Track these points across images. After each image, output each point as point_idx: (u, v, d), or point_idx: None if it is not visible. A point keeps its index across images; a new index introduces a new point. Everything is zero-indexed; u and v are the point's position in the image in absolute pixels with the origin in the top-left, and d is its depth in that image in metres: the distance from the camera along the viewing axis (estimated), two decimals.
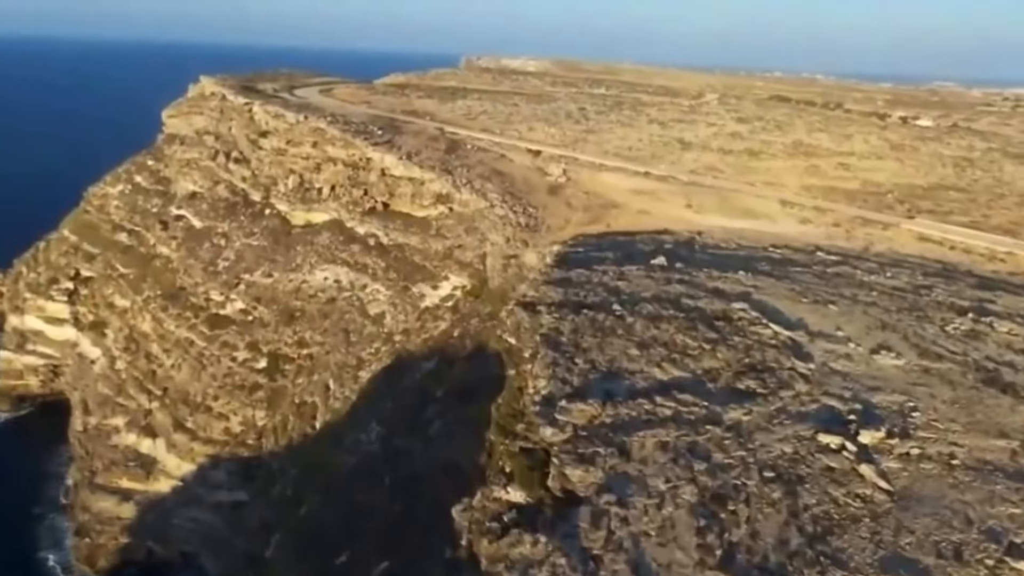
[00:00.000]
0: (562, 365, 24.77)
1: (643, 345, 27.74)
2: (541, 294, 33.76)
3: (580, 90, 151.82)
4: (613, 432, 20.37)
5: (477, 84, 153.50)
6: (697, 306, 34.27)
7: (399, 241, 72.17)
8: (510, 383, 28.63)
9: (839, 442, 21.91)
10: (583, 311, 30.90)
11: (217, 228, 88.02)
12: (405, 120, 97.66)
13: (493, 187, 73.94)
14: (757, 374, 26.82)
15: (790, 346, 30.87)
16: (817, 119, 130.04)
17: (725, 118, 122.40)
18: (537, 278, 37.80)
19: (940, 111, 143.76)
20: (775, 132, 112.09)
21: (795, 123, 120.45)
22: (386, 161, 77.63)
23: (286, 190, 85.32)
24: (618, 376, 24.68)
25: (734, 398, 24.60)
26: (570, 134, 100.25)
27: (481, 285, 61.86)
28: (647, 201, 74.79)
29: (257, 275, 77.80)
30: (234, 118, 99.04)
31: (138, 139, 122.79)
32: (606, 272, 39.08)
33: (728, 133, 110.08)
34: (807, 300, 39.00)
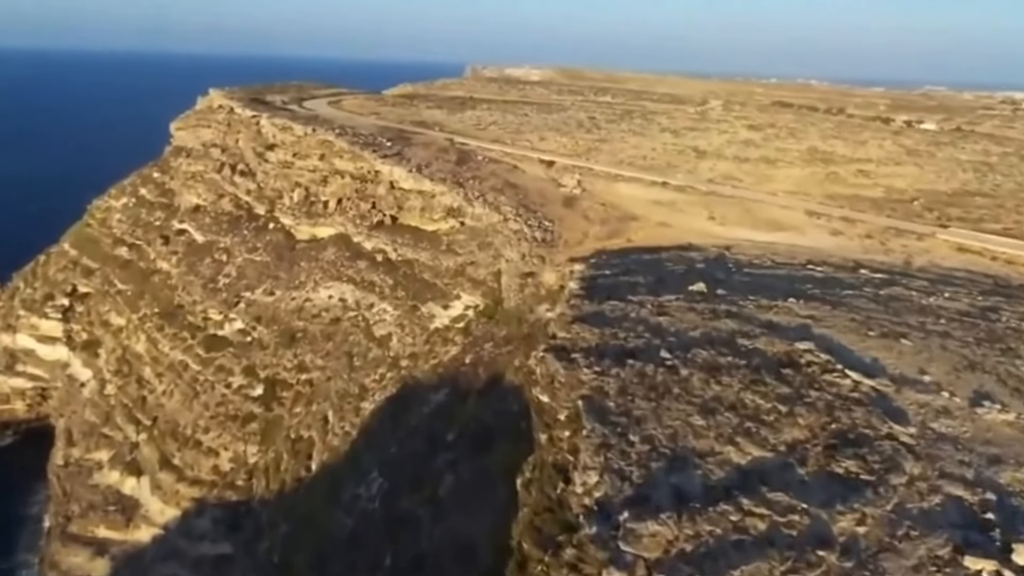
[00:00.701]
0: (615, 447, 18.48)
1: (707, 410, 21.43)
2: (575, 336, 27.46)
3: (586, 98, 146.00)
4: (698, 569, 14.08)
5: (484, 94, 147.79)
6: (756, 348, 27.91)
7: (408, 257, 65.98)
8: (541, 453, 22.33)
9: (993, 568, 15.55)
10: (628, 361, 24.58)
11: (219, 243, 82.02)
12: (414, 131, 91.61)
13: (506, 200, 67.73)
14: (853, 448, 20.50)
15: (877, 400, 24.54)
16: (829, 125, 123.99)
17: (736, 125, 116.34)
18: (566, 312, 31.47)
19: (942, 115, 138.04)
20: (789, 139, 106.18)
21: (808, 130, 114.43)
22: (395, 174, 71.48)
23: (291, 204, 79.30)
24: (686, 462, 18.38)
25: (836, 491, 18.31)
26: (582, 144, 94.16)
27: (495, 305, 55.64)
28: (667, 213, 68.60)
29: (258, 293, 71.71)
30: (241, 131, 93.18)
31: (152, 151, 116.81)
32: (643, 304, 32.77)
33: (741, 140, 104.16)
34: (874, 333, 32.58)
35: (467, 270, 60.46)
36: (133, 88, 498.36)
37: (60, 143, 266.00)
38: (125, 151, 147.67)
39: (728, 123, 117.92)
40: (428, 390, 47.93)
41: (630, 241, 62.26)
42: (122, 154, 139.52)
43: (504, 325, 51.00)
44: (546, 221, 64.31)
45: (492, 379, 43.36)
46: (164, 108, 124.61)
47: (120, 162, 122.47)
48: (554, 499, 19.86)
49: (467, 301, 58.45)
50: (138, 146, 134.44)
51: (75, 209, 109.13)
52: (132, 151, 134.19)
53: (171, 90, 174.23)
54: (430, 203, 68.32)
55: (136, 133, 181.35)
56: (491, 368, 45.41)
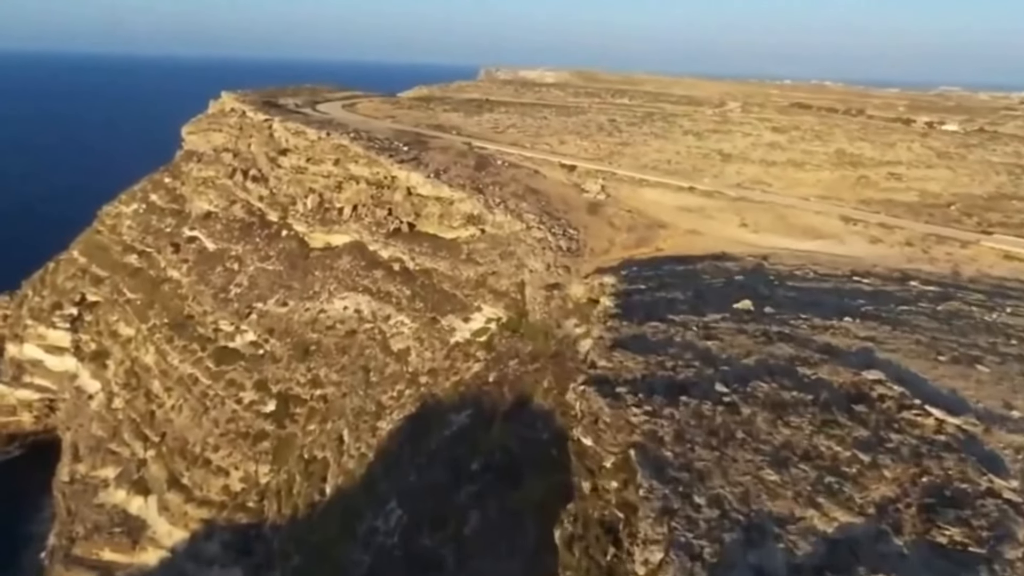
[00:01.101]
0: (679, 512, 15.58)
1: (779, 461, 18.50)
2: (617, 365, 24.53)
3: (603, 100, 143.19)
4: None
5: (500, 96, 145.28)
6: (819, 378, 24.90)
7: (426, 266, 63.31)
8: (585, 505, 19.51)
9: None
10: (681, 398, 21.64)
11: (231, 251, 79.74)
12: (431, 135, 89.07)
13: (528, 206, 64.99)
14: (953, 510, 17.48)
15: (967, 444, 21.47)
16: (854, 127, 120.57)
17: (759, 127, 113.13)
18: (604, 336, 28.56)
19: (963, 116, 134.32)
20: (815, 141, 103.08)
21: (833, 132, 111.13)
22: (412, 179, 68.88)
23: (305, 210, 76.89)
24: (764, 532, 15.46)
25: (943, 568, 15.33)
26: (604, 147, 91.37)
27: (519, 318, 52.82)
28: (696, 219, 65.68)
29: (271, 303, 69.27)
30: (253, 135, 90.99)
31: (165, 155, 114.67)
32: (687, 325, 29.83)
33: (766, 143, 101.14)
34: (945, 358, 29.42)
35: (488, 281, 57.71)
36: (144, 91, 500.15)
37: (74, 147, 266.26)
38: (138, 155, 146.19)
39: (751, 125, 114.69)
40: (449, 410, 45.18)
41: (659, 250, 59.37)
42: (136, 158, 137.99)
43: (530, 340, 48.17)
44: (570, 229, 61.50)
45: (518, 400, 40.58)
46: (179, 111, 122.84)
47: (135, 166, 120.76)
48: (604, 567, 17.05)
49: (489, 314, 55.68)
50: (150, 150, 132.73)
51: (88, 215, 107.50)
52: (145, 155, 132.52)
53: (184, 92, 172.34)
54: (449, 210, 65.66)
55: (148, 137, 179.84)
56: (517, 388, 42.61)
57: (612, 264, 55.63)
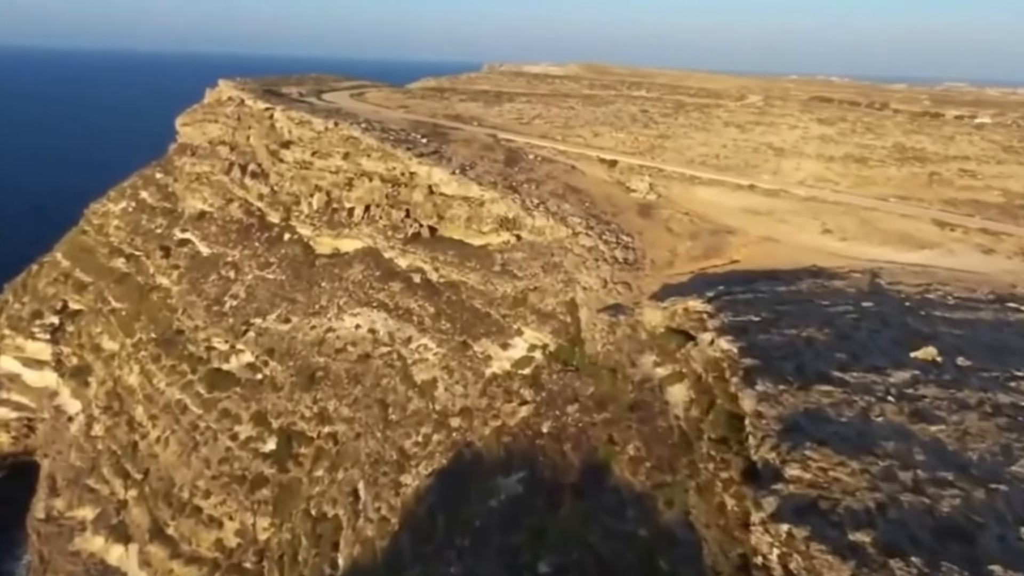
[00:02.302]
0: None
1: None
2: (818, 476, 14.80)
3: (620, 92, 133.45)
4: None
5: (512, 88, 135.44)
6: None
7: (452, 278, 53.53)
8: None
9: None
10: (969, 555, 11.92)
11: (226, 256, 69.97)
12: (451, 126, 79.20)
13: (571, 208, 55.17)
14: None
15: None
16: (903, 119, 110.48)
17: (803, 119, 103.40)
18: (764, 412, 18.80)
19: (993, 109, 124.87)
20: (867, 135, 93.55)
21: (884, 124, 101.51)
22: (435, 176, 59.08)
23: (310, 211, 67.10)
24: None
25: None
26: (643, 140, 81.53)
27: (571, 346, 43.03)
28: (768, 224, 55.96)
29: (271, 319, 59.49)
30: (252, 126, 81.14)
31: (159, 148, 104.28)
32: (872, 391, 20.14)
33: (816, 136, 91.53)
34: None
35: (529, 298, 47.87)
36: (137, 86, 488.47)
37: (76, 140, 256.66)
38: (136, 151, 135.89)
39: (793, 116, 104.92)
40: (494, 469, 35.42)
41: (734, 262, 49.58)
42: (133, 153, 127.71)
43: (590, 378, 38.42)
44: (623, 235, 51.73)
45: (590, 468, 30.79)
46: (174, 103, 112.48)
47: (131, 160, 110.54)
48: None
49: (532, 338, 45.89)
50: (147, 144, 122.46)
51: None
52: (142, 150, 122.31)
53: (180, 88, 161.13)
54: (478, 212, 55.83)
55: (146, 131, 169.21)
56: (583, 447, 32.82)
57: (682, 279, 45.95)
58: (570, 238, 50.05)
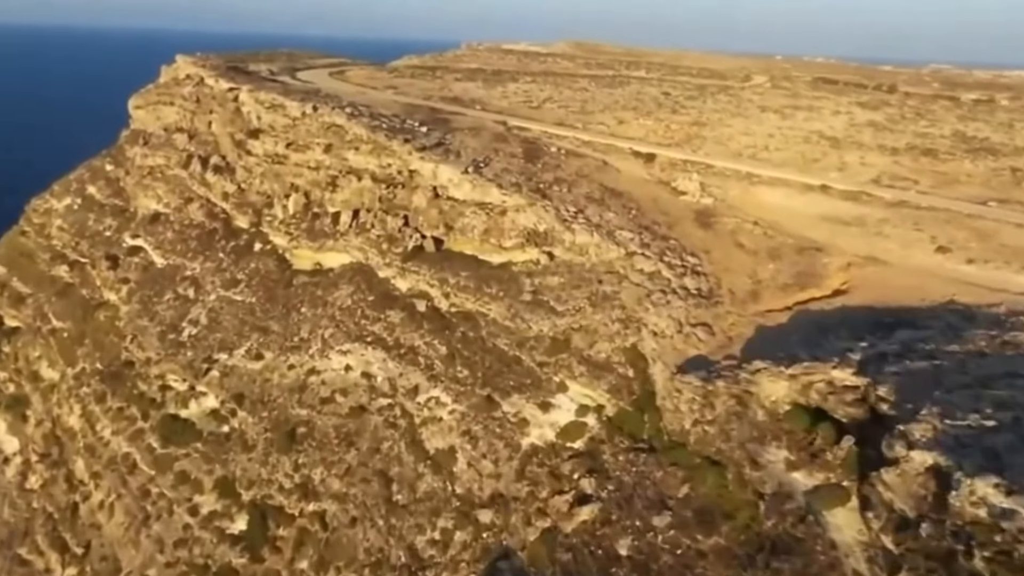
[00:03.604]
0: None
1: None
2: None
3: (617, 72, 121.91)
4: None
5: (504, 66, 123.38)
6: None
7: (467, 308, 42.57)
8: None
9: None
10: None
11: (185, 269, 58.44)
12: (451, 110, 67.76)
13: (617, 217, 44.26)
14: None
15: None
16: (947, 103, 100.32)
17: (842, 104, 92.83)
18: None
19: (1008, 93, 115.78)
20: (920, 122, 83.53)
21: (933, 109, 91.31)
22: (442, 175, 47.89)
23: (285, 216, 55.69)
24: None
25: None
26: (676, 128, 70.64)
27: (639, 412, 32.50)
28: (862, 237, 45.41)
29: (239, 354, 48.20)
30: (214, 110, 69.10)
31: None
32: None
33: (865, 123, 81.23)
34: None
35: (574, 341, 37.07)
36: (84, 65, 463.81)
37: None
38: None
39: (830, 100, 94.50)
40: None
41: (838, 292, 39.00)
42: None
43: (680, 471, 27.89)
44: (687, 255, 41.04)
45: None
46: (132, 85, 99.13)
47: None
48: None
49: (580, 396, 35.23)
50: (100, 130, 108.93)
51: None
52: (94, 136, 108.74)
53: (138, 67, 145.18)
54: (498, 222, 44.78)
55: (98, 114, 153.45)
56: None
57: (779, 319, 35.43)
58: (623, 260, 39.21)
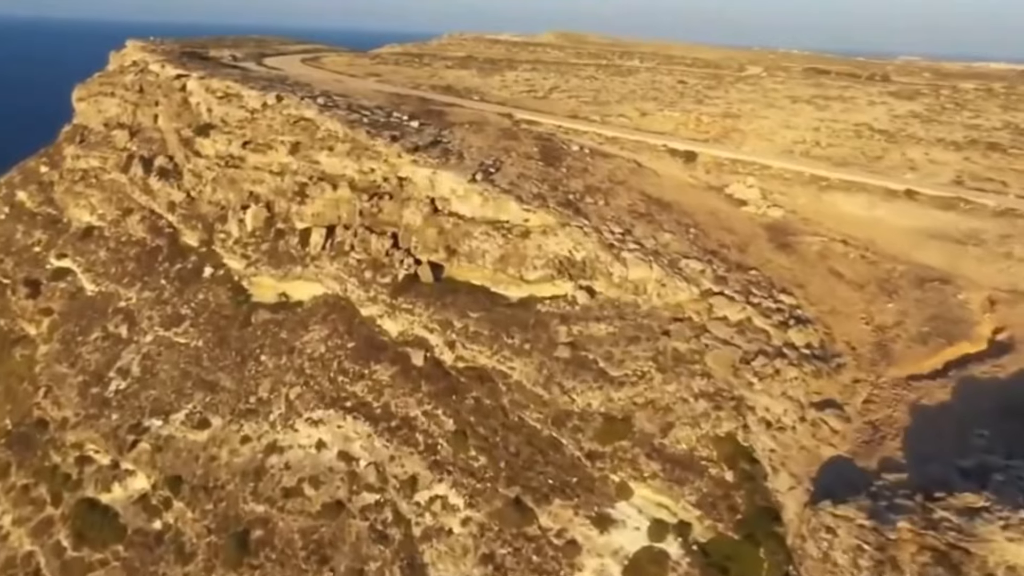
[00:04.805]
0: None
1: None
2: None
3: (611, 62, 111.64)
4: None
5: (494, 54, 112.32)
6: None
7: (480, 363, 31.48)
8: None
9: None
10: None
11: (119, 299, 46.79)
12: (446, 101, 56.43)
13: (675, 239, 33.27)
14: None
15: None
16: (980, 93, 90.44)
17: (872, 93, 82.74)
18: None
19: (1000, 82, 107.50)
20: (962, 112, 73.81)
21: (969, 99, 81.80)
22: (442, 183, 36.67)
23: (242, 233, 44.19)
24: None
25: None
26: (707, 121, 59.94)
27: (749, 542, 21.76)
28: (990, 262, 35.20)
29: (178, 420, 36.71)
30: (160, 101, 57.31)
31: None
32: None
33: (907, 114, 71.31)
34: None
35: (638, 421, 26.19)
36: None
37: None
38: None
39: (858, 89, 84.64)
40: None
41: (994, 341, 28.62)
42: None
43: None
44: (779, 293, 30.29)
45: None
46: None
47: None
48: None
49: (652, 506, 24.41)
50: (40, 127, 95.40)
51: None
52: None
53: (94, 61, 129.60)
54: (519, 247, 33.69)
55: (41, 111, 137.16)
56: None
57: (941, 396, 24.77)
58: (696, 302, 28.32)
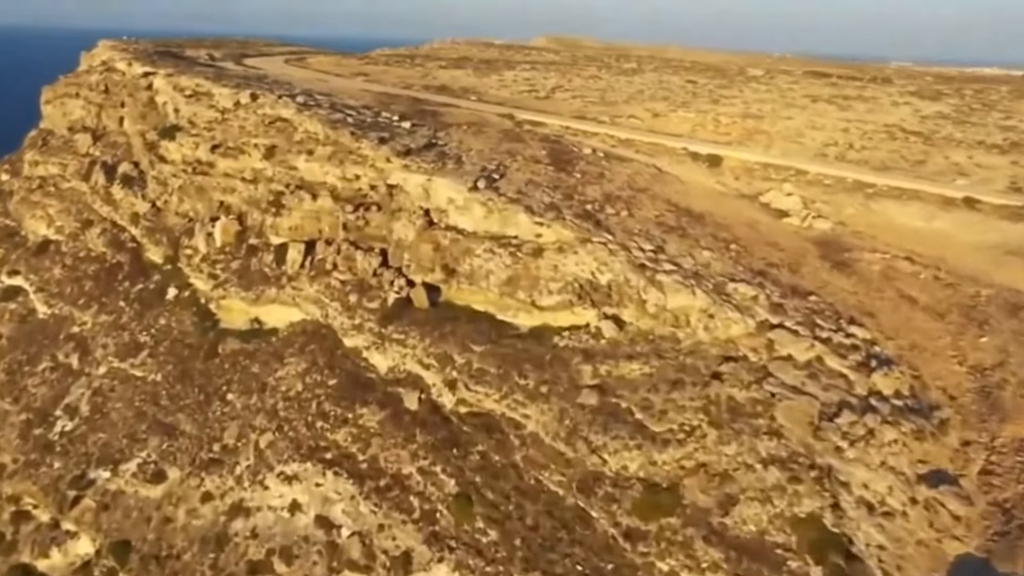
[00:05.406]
0: None
1: None
2: None
3: (606, 63, 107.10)
4: None
5: (487, 56, 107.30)
6: None
7: (486, 407, 26.19)
8: None
9: None
10: None
11: (73, 323, 41.31)
12: (440, 101, 51.14)
13: (715, 257, 27.98)
14: None
15: None
16: (1004, 94, 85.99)
17: (892, 94, 78.41)
18: None
19: (1006, 86, 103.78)
20: (992, 113, 70.46)
21: (994, 99, 77.74)
22: (437, 191, 31.33)
23: (210, 248, 38.78)
24: None
25: None
26: (727, 122, 54.96)
27: None
28: None
29: (128, 472, 31.20)
30: (126, 102, 51.92)
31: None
32: None
33: (936, 115, 66.94)
34: None
35: (689, 492, 20.92)
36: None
37: None
38: None
39: (877, 89, 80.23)
40: None
41: None
42: None
43: None
44: (847, 324, 25.12)
45: None
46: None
47: None
48: None
49: None
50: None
51: None
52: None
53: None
54: (530, 267, 28.40)
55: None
56: None
57: None
58: (753, 338, 23.13)
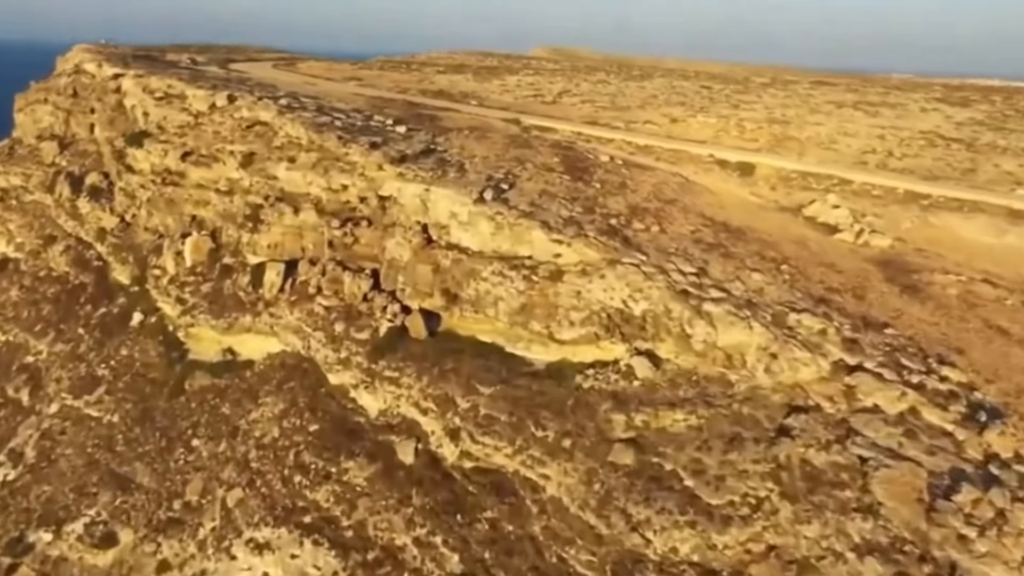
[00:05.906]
0: None
1: None
2: None
3: (609, 71, 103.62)
4: None
5: (487, 63, 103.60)
6: None
7: (495, 462, 21.71)
8: None
9: None
10: None
11: (27, 352, 36.82)
12: (439, 106, 46.73)
13: (768, 281, 23.61)
14: None
15: None
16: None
17: (919, 101, 74.32)
18: None
19: (999, 95, 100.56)
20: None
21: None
22: (438, 204, 26.90)
23: (179, 268, 34.32)
24: None
25: None
26: (752, 128, 50.55)
27: None
28: None
29: (73, 534, 26.62)
30: (95, 107, 47.59)
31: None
32: None
33: (968, 121, 62.75)
34: None
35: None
36: None
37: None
38: None
39: (902, 95, 76.22)
40: None
41: None
42: None
43: None
44: (936, 363, 20.71)
45: None
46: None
47: None
48: None
49: None
50: None
51: None
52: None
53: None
54: (547, 293, 23.99)
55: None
56: None
57: None
58: (826, 382, 18.72)
